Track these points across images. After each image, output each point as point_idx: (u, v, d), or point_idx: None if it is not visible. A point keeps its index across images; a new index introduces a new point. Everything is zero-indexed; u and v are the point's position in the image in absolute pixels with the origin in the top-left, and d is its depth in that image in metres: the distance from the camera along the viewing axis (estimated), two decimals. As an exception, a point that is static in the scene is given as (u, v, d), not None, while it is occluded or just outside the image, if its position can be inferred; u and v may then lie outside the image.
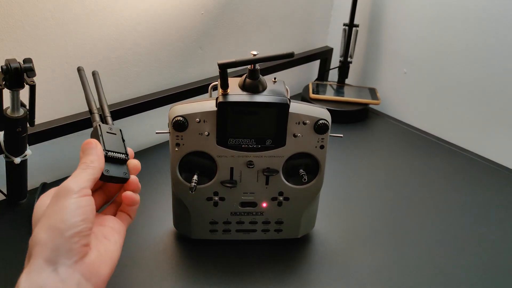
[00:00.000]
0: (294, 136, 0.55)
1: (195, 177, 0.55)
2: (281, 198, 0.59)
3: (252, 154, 0.55)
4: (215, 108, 0.53)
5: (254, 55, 0.52)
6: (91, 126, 0.55)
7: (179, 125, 0.53)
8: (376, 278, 0.62)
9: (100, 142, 0.48)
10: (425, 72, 1.06)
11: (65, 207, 0.40)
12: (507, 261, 0.67)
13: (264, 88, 0.54)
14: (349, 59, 1.13)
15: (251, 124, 0.54)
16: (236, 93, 0.53)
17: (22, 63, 0.60)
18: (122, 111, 0.83)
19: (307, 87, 1.15)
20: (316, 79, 1.21)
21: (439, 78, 1.04)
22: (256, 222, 0.61)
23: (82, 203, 0.41)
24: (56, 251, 0.38)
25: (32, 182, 0.76)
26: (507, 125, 0.95)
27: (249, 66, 0.54)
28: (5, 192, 0.72)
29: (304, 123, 0.54)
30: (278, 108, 0.53)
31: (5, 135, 0.66)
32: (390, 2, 1.09)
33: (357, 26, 1.09)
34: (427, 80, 1.06)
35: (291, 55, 0.51)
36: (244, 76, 0.55)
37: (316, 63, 1.23)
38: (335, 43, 1.20)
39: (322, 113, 0.56)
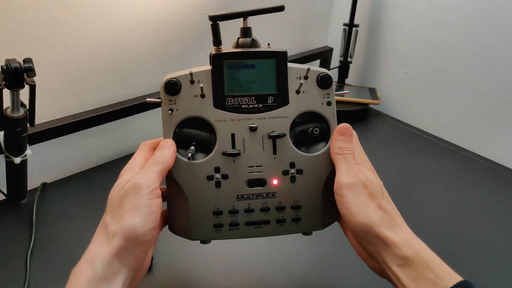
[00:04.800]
0: (297, 92, 0.50)
1: (192, 147, 0.49)
2: (293, 171, 0.51)
3: (254, 116, 0.49)
4: (209, 67, 0.49)
5: (245, 18, 0.53)
6: (91, 126, 0.55)
7: (172, 85, 0.48)
8: (376, 278, 0.62)
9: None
10: (425, 72, 1.06)
11: (138, 209, 0.41)
12: (507, 261, 0.67)
13: (258, 47, 0.53)
14: (349, 59, 1.13)
15: (250, 80, 0.50)
16: (230, 50, 0.51)
17: (22, 63, 0.60)
18: (122, 111, 0.83)
19: (307, 87, 1.14)
20: (316, 79, 1.21)
21: (439, 78, 1.04)
22: (269, 208, 0.51)
23: (155, 208, 0.42)
24: (126, 251, 0.40)
25: (32, 182, 0.76)
26: (507, 125, 0.95)
27: (241, 24, 0.53)
28: (5, 192, 0.72)
29: (306, 78, 0.50)
30: (276, 58, 0.50)
31: (5, 135, 0.66)
32: (390, 2, 1.09)
33: (357, 26, 1.09)
34: (427, 80, 1.06)
35: (281, 8, 0.52)
36: (237, 38, 0.54)
37: (316, 63, 1.23)
38: (335, 43, 1.20)
39: (321, 69, 0.53)
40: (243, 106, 0.49)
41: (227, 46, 0.54)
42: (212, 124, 0.49)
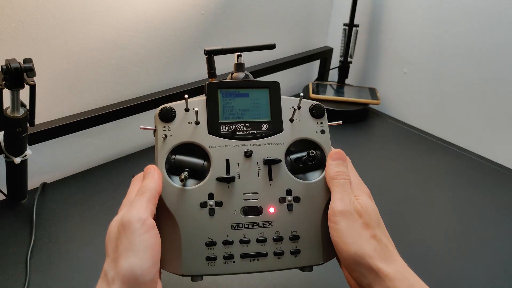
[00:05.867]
0: (291, 121, 0.51)
1: (185, 172, 0.47)
2: (290, 198, 0.49)
3: (249, 142, 0.49)
4: (204, 97, 0.50)
5: (239, 55, 0.54)
6: (91, 126, 0.55)
7: (166, 112, 0.48)
8: None
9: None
10: (425, 72, 1.06)
11: (132, 248, 0.37)
12: (508, 261, 0.67)
13: None
14: (349, 59, 1.13)
15: (244, 108, 0.50)
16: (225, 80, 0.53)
17: (22, 63, 0.60)
18: (122, 111, 0.83)
19: (307, 87, 1.15)
20: (316, 79, 1.21)
21: (439, 78, 1.04)
22: (266, 239, 0.48)
23: (151, 241, 0.38)
24: None
25: (32, 182, 0.76)
26: (507, 125, 0.95)
27: (235, 60, 0.55)
28: (5, 192, 0.72)
29: (299, 108, 0.51)
30: (270, 88, 0.51)
31: (5, 135, 0.66)
32: (390, 2, 1.09)
33: (357, 26, 1.09)
34: (427, 80, 1.06)
35: (272, 46, 0.53)
36: (231, 73, 0.56)
37: (316, 63, 1.23)
38: (335, 43, 1.20)
39: (313, 101, 0.55)
40: (237, 132, 0.49)
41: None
42: (206, 150, 0.48)
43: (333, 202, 0.45)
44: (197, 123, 0.49)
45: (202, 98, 0.50)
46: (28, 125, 0.66)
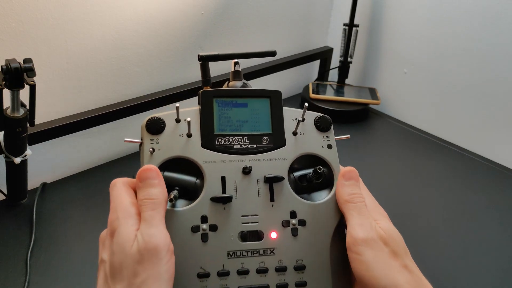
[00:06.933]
0: (294, 134, 0.46)
1: (175, 190, 0.41)
2: (294, 221, 0.43)
3: (247, 157, 0.44)
4: (198, 107, 0.44)
5: (236, 63, 0.50)
6: (91, 126, 0.54)
7: (154, 123, 0.43)
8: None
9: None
10: (425, 72, 1.06)
11: (159, 278, 0.33)
12: (508, 261, 0.67)
13: None
14: (349, 59, 1.13)
15: (242, 120, 0.45)
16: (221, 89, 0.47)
17: (22, 63, 0.60)
18: (122, 111, 0.83)
19: (307, 87, 1.15)
20: (316, 79, 1.21)
21: (439, 78, 1.04)
22: (267, 269, 0.42)
23: (172, 270, 0.34)
24: None
25: (32, 182, 0.76)
26: (507, 125, 0.95)
27: (232, 68, 0.51)
28: (5, 192, 0.72)
29: (303, 120, 0.46)
30: (271, 97, 0.46)
31: (5, 135, 0.66)
32: (390, 2, 1.09)
33: (357, 26, 1.09)
34: (427, 80, 1.06)
35: (273, 53, 0.49)
36: (226, 82, 0.52)
37: (316, 63, 1.23)
38: (335, 43, 1.20)
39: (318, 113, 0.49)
40: (235, 146, 0.44)
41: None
42: (199, 165, 0.43)
43: (352, 229, 0.39)
44: (189, 135, 0.43)
45: (195, 108, 0.45)
46: (28, 125, 0.66)
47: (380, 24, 1.12)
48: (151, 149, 0.42)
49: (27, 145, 0.69)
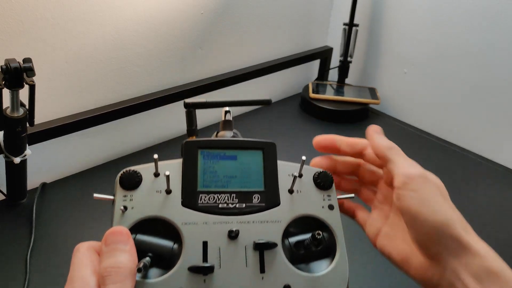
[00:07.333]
0: (290, 192, 0.40)
1: (147, 258, 0.34)
2: None
3: (234, 219, 0.37)
4: (180, 160, 0.39)
5: (226, 111, 0.45)
6: (91, 126, 0.51)
7: (129, 176, 0.37)
8: (375, 279, 0.62)
9: None
10: (425, 72, 1.06)
11: None
12: (508, 261, 0.67)
13: None
14: (349, 59, 1.13)
15: (230, 175, 0.39)
16: (207, 138, 0.42)
17: (22, 63, 0.60)
18: (122, 111, 0.83)
19: (307, 87, 1.15)
20: (316, 79, 1.21)
21: (439, 78, 1.04)
22: None
23: None
24: None
25: (32, 182, 0.76)
26: (507, 125, 0.95)
27: (222, 117, 0.46)
28: (5, 192, 0.72)
29: (300, 176, 0.41)
30: (264, 149, 0.40)
31: (5, 135, 0.66)
32: (390, 2, 1.09)
33: (357, 25, 1.09)
34: (427, 80, 1.06)
35: (268, 102, 0.45)
36: (215, 132, 0.48)
37: (316, 63, 1.23)
38: (335, 43, 1.20)
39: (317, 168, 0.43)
40: (220, 205, 0.38)
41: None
42: (177, 228, 0.36)
43: (404, 169, 0.39)
44: (168, 192, 0.37)
45: (178, 160, 0.39)
46: (27, 125, 0.66)
47: (380, 24, 1.12)
48: (122, 208, 0.36)
49: (27, 145, 0.69)
